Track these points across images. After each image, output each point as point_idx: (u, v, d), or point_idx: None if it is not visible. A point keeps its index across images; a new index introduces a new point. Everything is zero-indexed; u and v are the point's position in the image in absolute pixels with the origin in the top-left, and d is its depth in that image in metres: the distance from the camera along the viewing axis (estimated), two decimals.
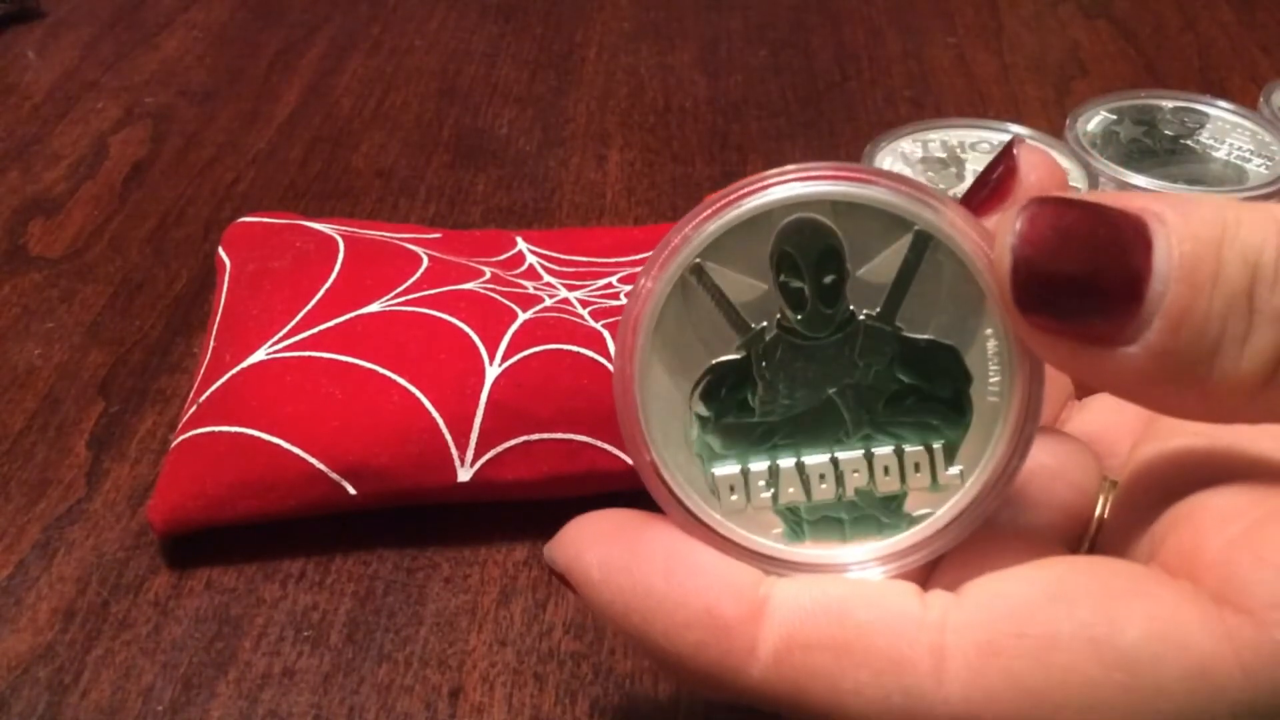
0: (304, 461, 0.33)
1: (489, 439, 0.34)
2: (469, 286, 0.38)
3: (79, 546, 0.34)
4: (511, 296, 0.37)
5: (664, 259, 0.23)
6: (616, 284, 0.40)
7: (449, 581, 0.33)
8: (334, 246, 0.39)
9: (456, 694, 0.31)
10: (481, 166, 0.51)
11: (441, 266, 0.39)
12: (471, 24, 0.63)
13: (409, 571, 0.34)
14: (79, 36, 0.61)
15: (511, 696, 0.30)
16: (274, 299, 0.37)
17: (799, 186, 0.22)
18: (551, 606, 0.33)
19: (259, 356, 0.35)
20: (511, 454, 0.34)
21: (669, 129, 0.54)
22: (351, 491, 0.33)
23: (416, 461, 0.33)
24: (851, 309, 0.23)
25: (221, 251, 0.41)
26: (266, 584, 0.33)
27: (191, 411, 0.35)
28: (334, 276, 0.38)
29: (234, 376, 0.35)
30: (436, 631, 0.32)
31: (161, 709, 0.30)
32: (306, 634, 0.32)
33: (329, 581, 0.33)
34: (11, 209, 0.49)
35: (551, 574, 0.25)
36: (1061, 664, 0.20)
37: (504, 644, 0.32)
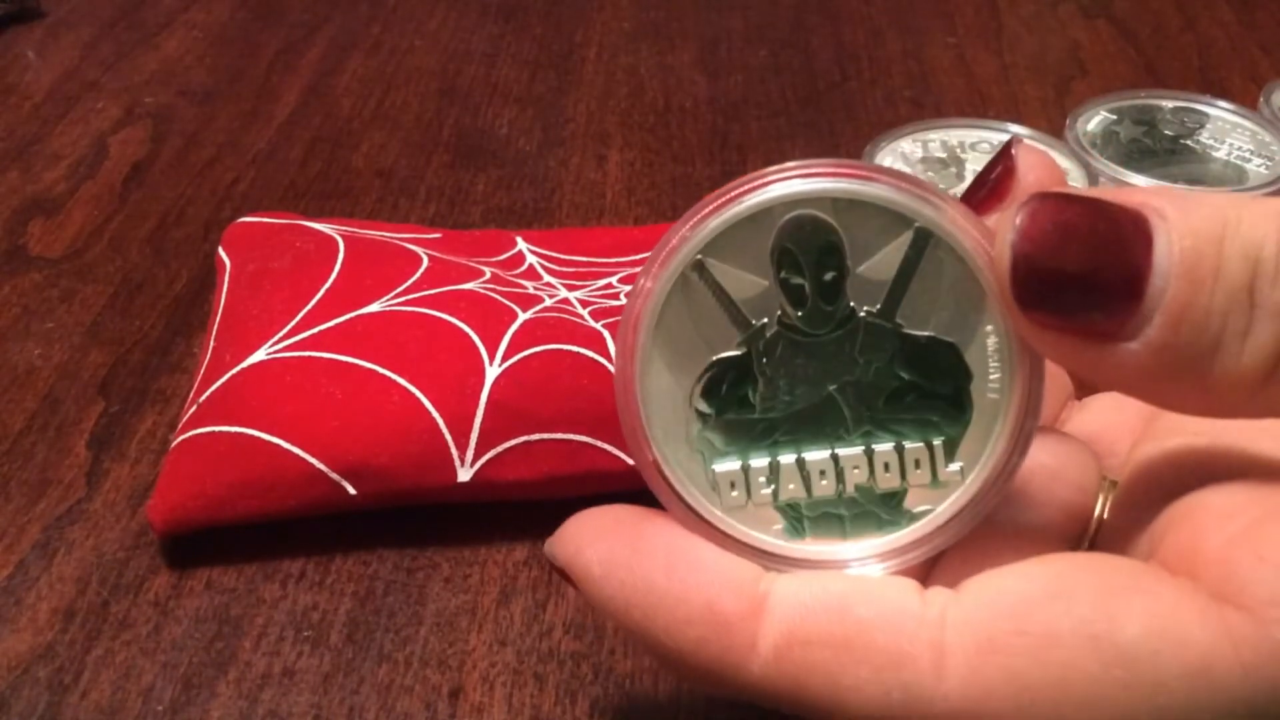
0: (304, 461, 0.33)
1: (489, 439, 0.34)
2: (469, 286, 0.38)
3: (79, 546, 0.34)
4: (511, 296, 0.37)
5: (665, 256, 0.23)
6: (616, 284, 0.40)
7: (449, 581, 0.33)
8: (334, 246, 0.39)
9: (456, 694, 0.31)
10: (481, 166, 0.51)
11: (441, 266, 0.39)
12: (471, 24, 0.63)
13: (409, 571, 0.34)
14: (79, 36, 0.61)
15: (511, 696, 0.30)
16: (274, 299, 0.37)
17: (800, 183, 0.22)
18: (551, 606, 0.33)
19: (259, 356, 0.35)
20: (511, 454, 0.34)
21: (669, 129, 0.54)
22: (351, 491, 0.33)
23: (416, 461, 0.33)
24: (852, 306, 0.23)
25: (221, 251, 0.41)
26: (266, 584, 0.33)
27: (191, 411, 0.35)
28: (334, 276, 0.38)
29: (234, 376, 0.35)
30: (436, 631, 0.32)
31: (161, 709, 0.30)
32: (306, 634, 0.32)
33: (329, 581, 0.33)
34: (11, 209, 0.49)
35: (552, 570, 0.25)
36: (1061, 661, 0.20)
37: (504, 644, 0.32)
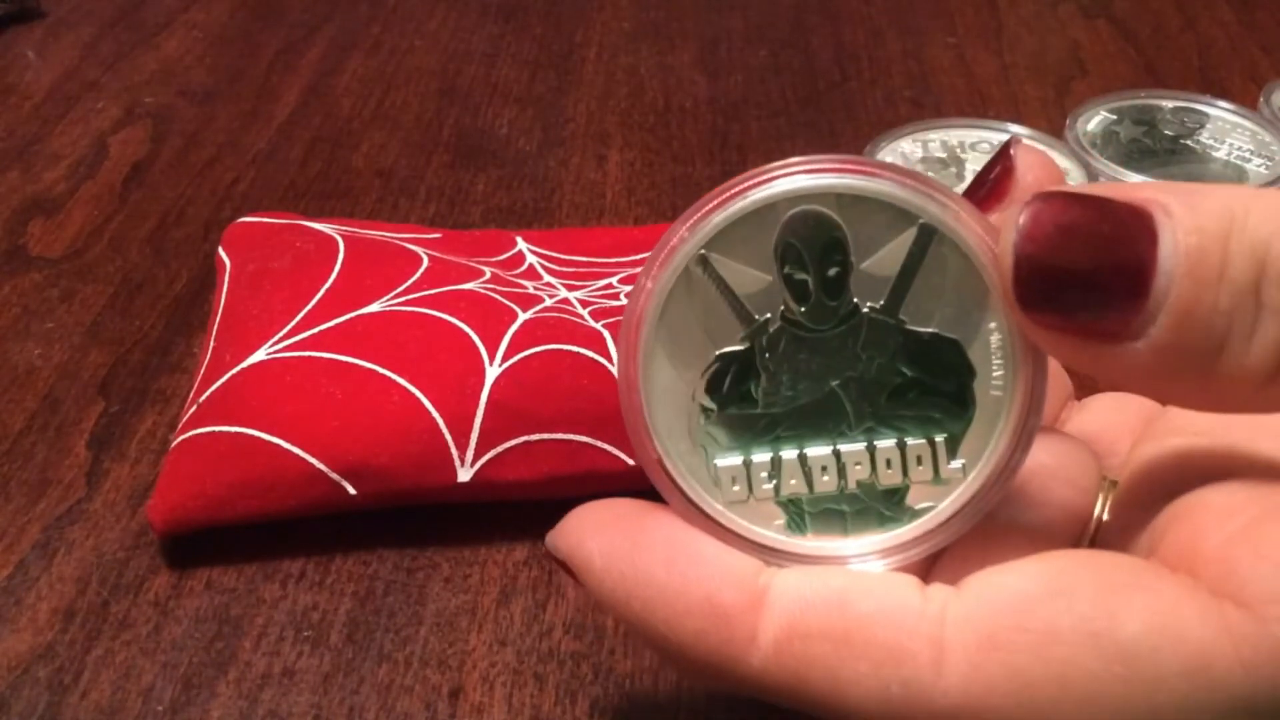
0: (304, 461, 0.33)
1: (489, 439, 0.34)
2: (469, 286, 0.38)
3: (79, 546, 0.34)
4: (511, 296, 0.37)
5: (669, 250, 0.23)
6: (617, 284, 0.40)
7: (449, 581, 0.33)
8: (334, 246, 0.39)
9: (456, 694, 0.31)
10: (481, 166, 0.51)
11: (441, 266, 0.39)
12: (471, 24, 0.63)
13: (409, 571, 0.34)
14: (79, 36, 0.61)
15: (511, 696, 0.30)
16: (274, 299, 0.37)
17: (804, 179, 0.22)
18: (551, 606, 0.33)
19: (259, 356, 0.35)
20: (512, 454, 0.34)
21: (669, 129, 0.54)
22: (351, 491, 0.33)
23: (416, 461, 0.33)
24: (855, 301, 0.23)
25: (221, 251, 0.41)
26: (266, 584, 0.33)
27: (191, 411, 0.35)
28: (334, 276, 0.38)
29: (234, 376, 0.35)
30: (436, 631, 0.32)
31: (161, 709, 0.30)
32: (306, 634, 0.32)
33: (329, 581, 0.33)
34: (11, 209, 0.49)
35: (553, 563, 0.25)
36: (1061, 657, 0.20)
37: (504, 644, 0.32)
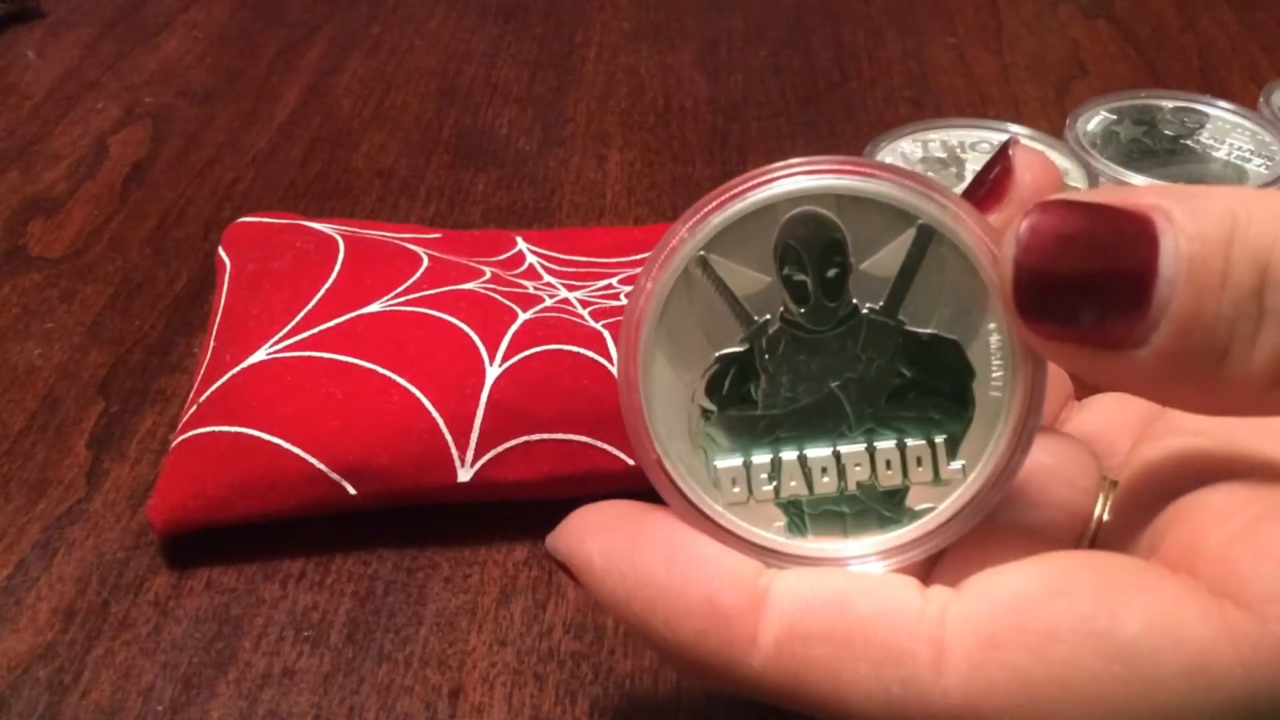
0: (304, 461, 0.33)
1: (489, 439, 0.34)
2: (469, 286, 0.38)
3: (79, 546, 0.34)
4: (512, 296, 0.37)
5: (668, 251, 0.23)
6: (617, 285, 0.40)
7: (449, 581, 0.33)
8: (334, 246, 0.39)
9: (456, 694, 0.31)
10: (481, 166, 0.51)
11: (441, 266, 0.39)
12: (471, 24, 0.63)
13: (409, 571, 0.34)
14: (79, 36, 0.61)
15: (511, 696, 0.30)
16: (274, 299, 0.37)
17: (803, 180, 0.22)
18: (551, 606, 0.33)
19: (259, 356, 0.35)
20: (512, 454, 0.34)
21: (669, 129, 0.54)
22: (351, 491, 0.33)
23: (416, 461, 0.33)
24: (854, 302, 0.23)
25: (221, 251, 0.41)
26: (266, 584, 0.33)
27: (191, 411, 0.35)
28: (334, 276, 0.38)
29: (234, 376, 0.35)
30: (436, 631, 0.32)
31: (161, 709, 0.30)
32: (306, 634, 0.32)
33: (329, 581, 0.33)
34: (11, 209, 0.48)
35: (553, 564, 0.25)
36: (1061, 657, 0.20)
37: (504, 644, 0.32)
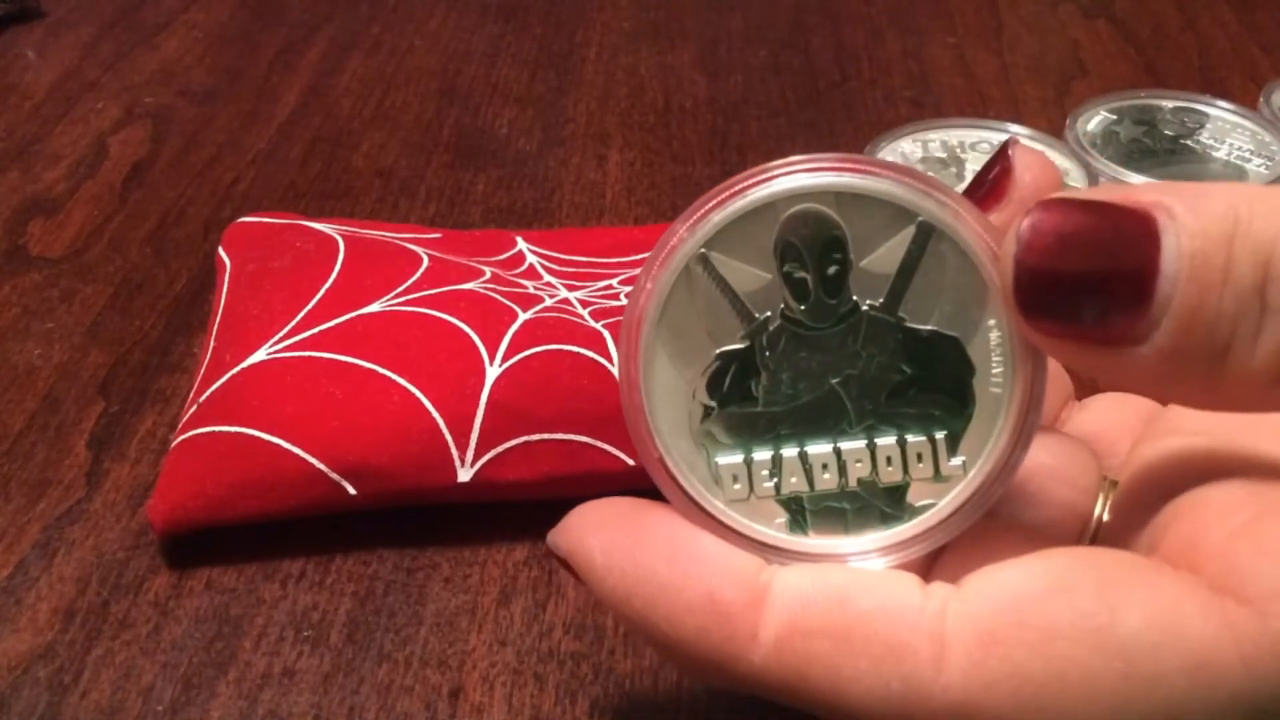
0: (304, 461, 0.33)
1: (489, 439, 0.34)
2: (469, 286, 0.38)
3: (79, 546, 0.34)
4: (512, 296, 0.37)
5: (669, 250, 0.23)
6: (617, 285, 0.40)
7: (449, 581, 0.33)
8: (334, 246, 0.39)
9: (456, 694, 0.31)
10: (481, 166, 0.51)
11: (441, 266, 0.39)
12: (471, 24, 0.63)
13: (409, 571, 0.34)
14: (79, 36, 0.61)
15: (511, 696, 0.30)
16: (274, 299, 0.37)
17: (803, 177, 0.22)
18: (551, 606, 0.33)
19: (259, 356, 0.35)
20: (512, 454, 0.34)
21: (669, 129, 0.54)
22: (351, 491, 0.33)
23: (416, 461, 0.33)
24: (855, 299, 0.23)
25: (221, 251, 0.41)
26: (266, 584, 0.33)
27: (191, 411, 0.35)
28: (334, 276, 0.38)
29: (234, 376, 0.35)
30: (436, 631, 0.32)
31: (161, 709, 0.30)
32: (306, 634, 0.32)
33: (329, 581, 0.33)
34: (11, 209, 0.48)
35: (555, 561, 0.25)
36: (1062, 653, 0.20)
37: (504, 644, 0.32)
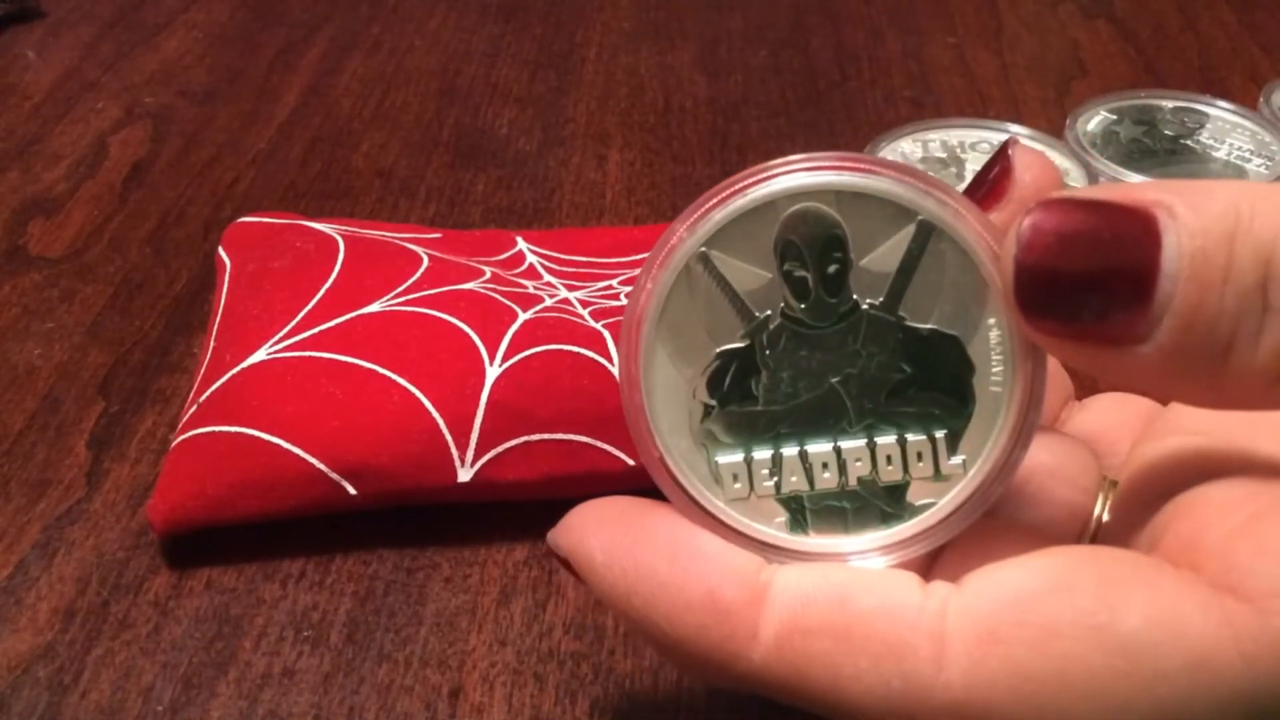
0: (304, 461, 0.33)
1: (489, 439, 0.34)
2: (469, 286, 0.38)
3: (79, 546, 0.34)
4: (512, 296, 0.37)
5: (669, 249, 0.23)
6: (617, 285, 0.40)
7: (449, 581, 0.33)
8: (334, 246, 0.39)
9: (456, 694, 0.31)
10: (481, 166, 0.51)
11: (441, 266, 0.39)
12: (471, 24, 0.63)
13: (409, 571, 0.34)
14: (79, 36, 0.61)
15: (511, 696, 0.30)
16: (274, 299, 0.37)
17: (803, 176, 0.22)
18: (551, 606, 0.33)
19: (259, 356, 0.35)
20: (512, 454, 0.34)
21: (669, 129, 0.54)
22: (351, 491, 0.33)
23: (417, 461, 0.33)
24: (855, 298, 0.23)
25: (221, 251, 0.41)
26: (266, 584, 0.33)
27: (191, 411, 0.35)
28: (334, 276, 0.38)
29: (234, 376, 0.35)
30: (436, 631, 0.32)
31: (161, 709, 0.30)
32: (306, 634, 0.32)
33: (329, 581, 0.33)
34: (11, 209, 0.48)
35: (555, 560, 0.25)
36: (1062, 652, 0.20)
37: (504, 644, 0.32)
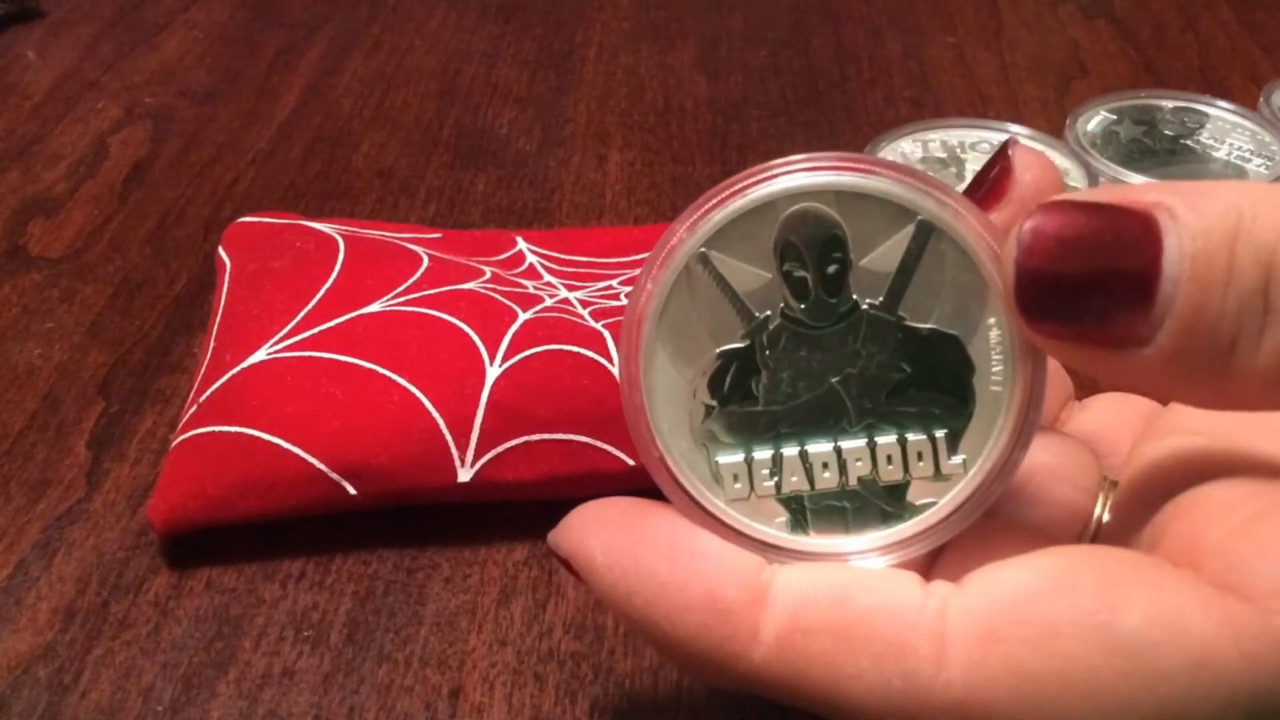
0: (304, 461, 0.33)
1: (489, 439, 0.34)
2: (469, 286, 0.38)
3: (79, 546, 0.34)
4: (512, 296, 0.37)
5: (669, 249, 0.23)
6: (617, 286, 0.40)
7: (449, 581, 0.33)
8: (334, 246, 0.39)
9: (456, 694, 0.31)
10: (481, 166, 0.51)
11: (441, 266, 0.39)
12: (471, 24, 0.63)
13: (409, 571, 0.34)
14: (79, 36, 0.61)
15: (511, 696, 0.30)
16: (274, 299, 0.37)
17: (803, 176, 0.22)
18: (551, 606, 0.33)
19: (259, 356, 0.35)
20: (512, 454, 0.34)
21: (669, 129, 0.54)
22: (351, 491, 0.33)
23: (417, 461, 0.33)
24: (854, 298, 0.23)
25: (221, 251, 0.41)
26: (266, 584, 0.33)
27: (191, 411, 0.35)
28: (334, 276, 0.38)
29: (234, 376, 0.35)
30: (436, 631, 0.32)
31: (161, 709, 0.30)
32: (306, 634, 0.32)
33: (329, 581, 0.33)
34: (11, 209, 0.48)
35: (555, 560, 0.25)
36: (1062, 651, 0.20)
37: (504, 644, 0.32)
